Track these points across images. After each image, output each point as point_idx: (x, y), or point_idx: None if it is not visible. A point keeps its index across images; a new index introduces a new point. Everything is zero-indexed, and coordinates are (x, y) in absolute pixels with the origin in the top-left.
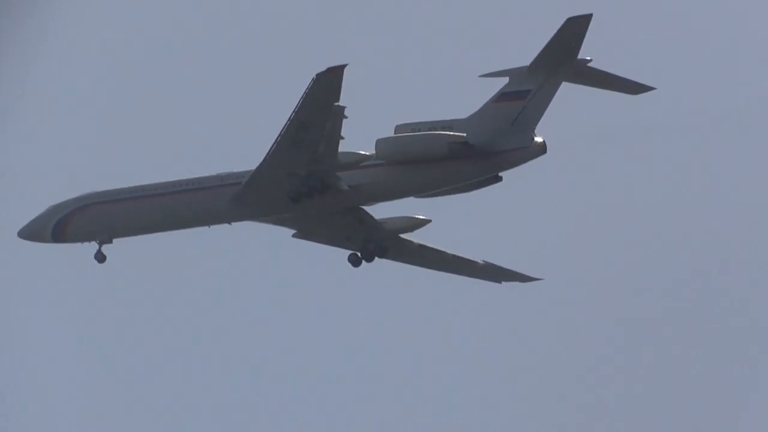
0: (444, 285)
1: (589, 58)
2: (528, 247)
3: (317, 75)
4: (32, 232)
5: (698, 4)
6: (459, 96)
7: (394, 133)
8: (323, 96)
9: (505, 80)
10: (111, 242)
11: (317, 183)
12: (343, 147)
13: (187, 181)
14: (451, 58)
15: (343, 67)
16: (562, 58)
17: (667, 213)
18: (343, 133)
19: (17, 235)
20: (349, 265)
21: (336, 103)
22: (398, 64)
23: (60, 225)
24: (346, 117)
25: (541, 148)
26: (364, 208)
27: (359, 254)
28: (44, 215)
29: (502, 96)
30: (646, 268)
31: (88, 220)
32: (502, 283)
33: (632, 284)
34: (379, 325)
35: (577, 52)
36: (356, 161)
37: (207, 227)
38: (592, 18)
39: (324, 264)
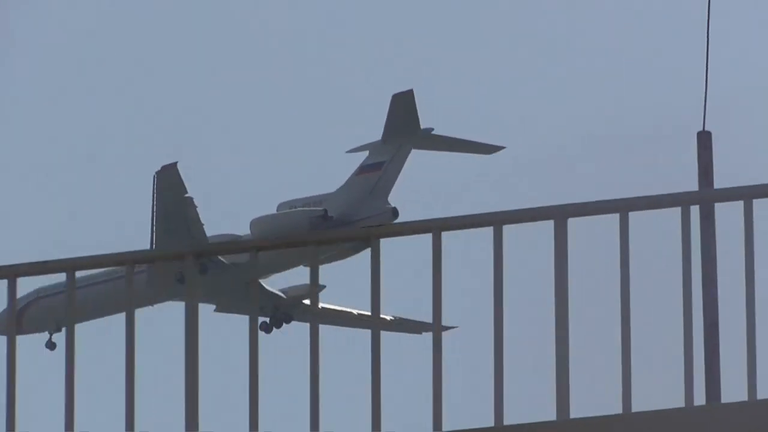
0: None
1: (431, 126)
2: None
3: (156, 173)
4: None
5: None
6: (330, 171)
7: (276, 211)
8: (170, 190)
9: (366, 153)
10: (60, 331)
11: (200, 265)
12: (221, 230)
13: (112, 270)
14: (320, 136)
15: (175, 164)
16: (404, 130)
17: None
18: (226, 214)
19: None
20: (262, 332)
21: (185, 195)
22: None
23: (18, 318)
24: (196, 206)
25: (393, 213)
26: (261, 281)
27: (268, 321)
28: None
29: (362, 169)
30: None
31: (37, 312)
32: (422, 333)
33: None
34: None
35: (417, 123)
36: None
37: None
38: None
39: (241, 332)
